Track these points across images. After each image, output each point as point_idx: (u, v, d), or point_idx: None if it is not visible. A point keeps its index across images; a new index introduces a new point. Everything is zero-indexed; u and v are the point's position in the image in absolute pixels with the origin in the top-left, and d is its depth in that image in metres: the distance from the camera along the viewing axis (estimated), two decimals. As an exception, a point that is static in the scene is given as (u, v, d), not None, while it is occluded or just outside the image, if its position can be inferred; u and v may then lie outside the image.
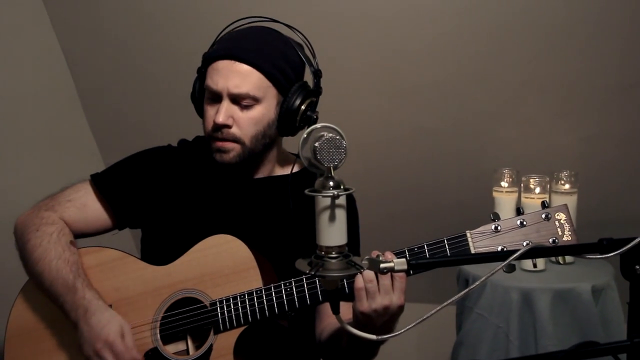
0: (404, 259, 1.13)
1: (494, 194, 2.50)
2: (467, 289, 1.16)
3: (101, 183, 1.86)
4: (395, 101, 2.76)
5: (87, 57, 2.98)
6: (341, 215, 1.06)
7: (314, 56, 1.78)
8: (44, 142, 2.96)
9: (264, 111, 1.72)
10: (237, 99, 1.69)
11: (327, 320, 1.77)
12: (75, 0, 2.83)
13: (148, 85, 2.99)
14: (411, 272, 1.45)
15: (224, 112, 1.69)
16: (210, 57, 1.73)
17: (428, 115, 2.76)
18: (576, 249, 1.19)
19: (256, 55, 1.69)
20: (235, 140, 1.72)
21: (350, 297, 1.55)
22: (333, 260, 1.06)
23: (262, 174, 1.86)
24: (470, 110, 2.72)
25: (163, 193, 1.84)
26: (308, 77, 1.81)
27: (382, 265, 1.11)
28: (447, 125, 2.76)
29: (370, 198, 2.19)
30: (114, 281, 1.75)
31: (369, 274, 1.48)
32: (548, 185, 2.42)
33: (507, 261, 1.13)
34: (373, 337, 1.14)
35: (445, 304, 1.17)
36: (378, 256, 1.44)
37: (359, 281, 1.50)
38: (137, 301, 1.73)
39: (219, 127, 1.70)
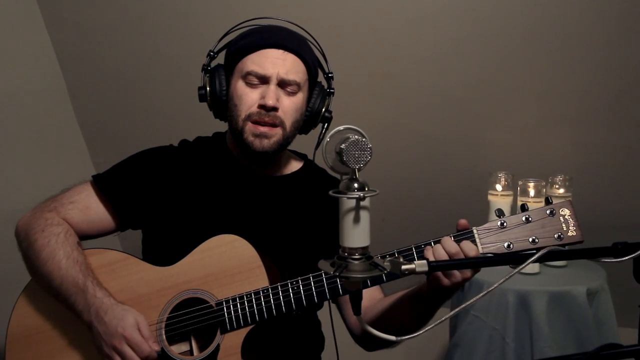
0: (424, 261, 1.13)
1: (489, 197, 2.53)
2: (484, 292, 1.17)
3: (103, 184, 1.85)
4: (392, 106, 2.78)
5: (79, 57, 2.96)
6: (365, 217, 1.07)
7: (326, 60, 1.88)
8: (32, 141, 2.93)
9: (302, 100, 1.80)
10: (283, 85, 1.75)
11: (365, 305, 1.73)
12: (69, 2, 2.81)
13: (138, 86, 2.99)
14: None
15: (275, 95, 1.73)
16: (252, 46, 1.76)
17: (424, 120, 2.78)
18: (591, 253, 1.20)
19: (302, 49, 1.78)
20: (280, 124, 1.75)
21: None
22: (356, 262, 1.06)
23: (268, 172, 1.88)
24: (466, 115, 2.75)
25: (166, 193, 1.83)
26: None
27: (403, 267, 1.12)
28: (443, 129, 2.78)
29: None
30: (118, 282, 1.74)
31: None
32: (544, 189, 2.45)
33: (526, 264, 1.14)
34: (393, 338, 1.14)
35: (464, 305, 1.19)
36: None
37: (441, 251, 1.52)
38: (141, 302, 1.71)
39: (268, 110, 1.73)
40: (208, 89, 1.81)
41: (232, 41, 1.83)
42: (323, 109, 1.84)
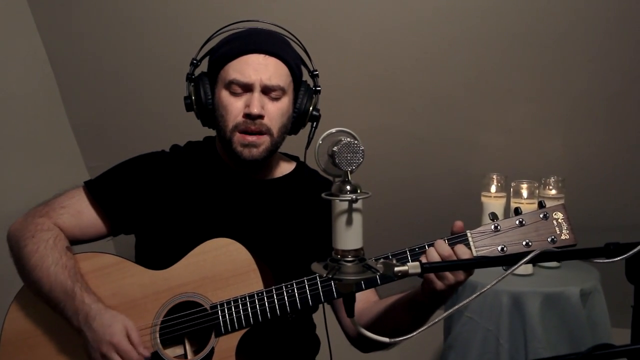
0: (417, 263, 1.14)
1: (483, 198, 2.53)
2: (478, 293, 1.17)
3: (95, 190, 1.85)
4: (385, 108, 2.79)
5: (72, 60, 2.95)
6: (358, 219, 1.07)
7: (309, 59, 1.87)
8: (24, 145, 2.92)
9: (288, 104, 1.78)
10: (267, 91, 1.73)
11: (360, 307, 1.76)
12: (61, 4, 2.80)
13: (131, 89, 2.98)
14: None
15: (259, 103, 1.71)
16: (232, 53, 1.74)
17: (417, 121, 2.78)
18: (583, 253, 1.20)
19: (284, 51, 1.76)
20: (267, 131, 1.74)
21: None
22: (349, 264, 1.07)
23: (259, 175, 1.88)
24: (459, 117, 2.75)
25: (158, 198, 1.83)
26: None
27: (396, 269, 1.12)
28: (435, 131, 2.79)
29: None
30: (111, 286, 1.74)
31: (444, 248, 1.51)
32: (537, 191, 2.45)
33: (519, 264, 1.14)
34: (386, 339, 1.14)
35: (458, 306, 1.19)
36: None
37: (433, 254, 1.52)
38: (135, 306, 1.72)
39: (253, 118, 1.72)
40: (193, 98, 1.80)
41: (214, 48, 1.82)
42: (310, 108, 1.83)
